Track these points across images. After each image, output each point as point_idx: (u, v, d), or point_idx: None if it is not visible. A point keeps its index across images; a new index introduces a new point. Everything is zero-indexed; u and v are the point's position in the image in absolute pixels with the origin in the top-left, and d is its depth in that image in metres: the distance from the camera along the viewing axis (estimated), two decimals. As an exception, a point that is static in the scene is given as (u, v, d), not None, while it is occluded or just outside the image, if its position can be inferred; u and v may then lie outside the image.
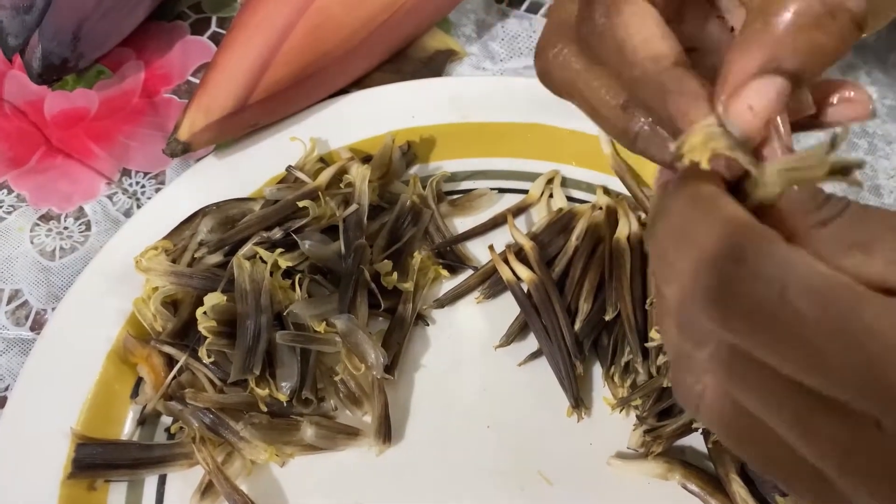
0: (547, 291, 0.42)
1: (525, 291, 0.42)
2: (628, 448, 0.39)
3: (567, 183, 0.48)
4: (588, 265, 0.43)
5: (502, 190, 0.48)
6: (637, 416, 0.39)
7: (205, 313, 0.39)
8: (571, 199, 0.47)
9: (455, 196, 0.47)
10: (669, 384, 0.38)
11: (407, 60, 0.53)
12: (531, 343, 0.42)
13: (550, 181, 0.47)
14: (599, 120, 0.27)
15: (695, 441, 0.39)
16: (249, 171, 0.47)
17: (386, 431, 0.39)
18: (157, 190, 0.49)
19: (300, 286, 0.41)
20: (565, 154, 0.48)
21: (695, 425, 0.38)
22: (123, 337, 0.41)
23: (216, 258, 0.42)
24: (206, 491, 0.38)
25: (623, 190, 0.46)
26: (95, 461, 0.38)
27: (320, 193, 0.44)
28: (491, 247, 0.44)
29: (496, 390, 0.41)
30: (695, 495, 0.37)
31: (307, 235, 0.42)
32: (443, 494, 0.38)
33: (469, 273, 0.45)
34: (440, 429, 0.40)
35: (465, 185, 0.48)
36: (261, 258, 0.41)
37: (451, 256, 0.45)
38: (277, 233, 0.42)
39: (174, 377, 0.40)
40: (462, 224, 0.47)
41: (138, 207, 0.48)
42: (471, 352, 0.42)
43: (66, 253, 0.47)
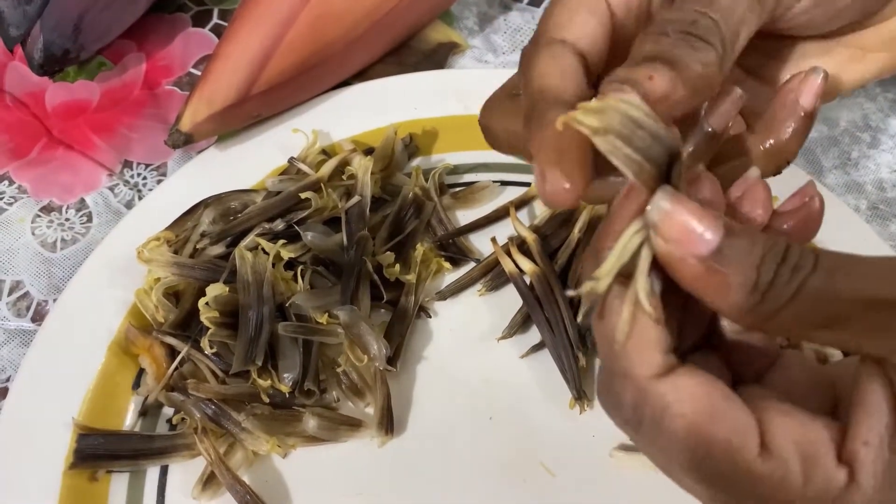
0: (549, 283, 0.42)
1: (527, 284, 0.42)
2: (630, 440, 0.39)
3: (569, 175, 0.47)
4: (590, 257, 0.43)
5: (504, 182, 0.48)
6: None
7: (207, 304, 0.39)
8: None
9: (457, 188, 0.47)
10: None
11: (409, 52, 0.53)
12: (533, 335, 0.42)
13: (553, 174, 0.47)
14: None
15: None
16: (251, 163, 0.47)
17: (388, 423, 0.39)
18: (159, 181, 0.49)
19: (302, 277, 0.41)
20: (568, 147, 0.48)
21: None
22: (125, 328, 0.41)
23: (218, 249, 0.42)
24: (208, 482, 0.38)
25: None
26: (97, 452, 0.38)
27: (322, 185, 0.44)
28: (493, 239, 0.44)
29: (498, 382, 0.41)
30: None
31: (309, 227, 0.42)
32: (445, 486, 0.38)
33: (471, 265, 0.45)
34: (442, 420, 0.40)
35: (468, 178, 0.48)
36: (263, 249, 0.41)
37: (454, 249, 0.45)
38: (279, 224, 0.42)
39: (176, 368, 0.40)
40: (464, 216, 0.47)
41: (140, 199, 0.48)
42: (473, 344, 0.42)
43: (68, 244, 0.47)
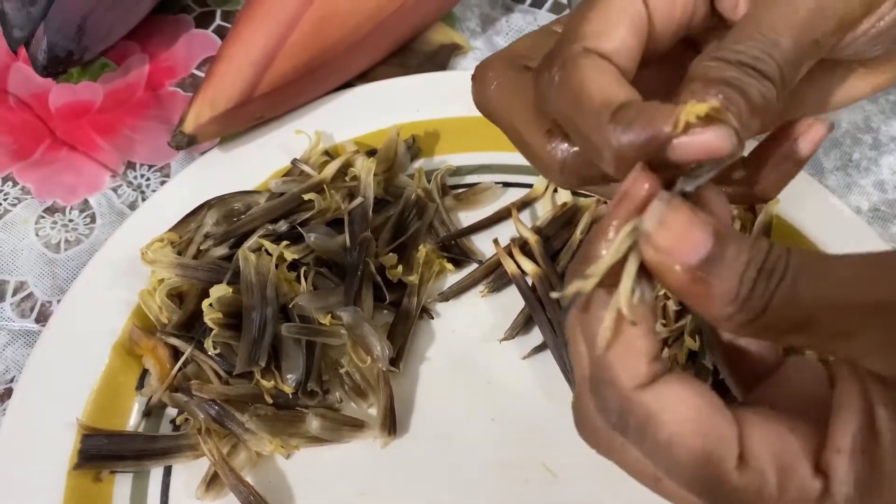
0: (552, 285, 0.42)
1: (530, 285, 0.43)
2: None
3: (571, 177, 0.47)
4: (593, 259, 0.43)
5: (507, 184, 0.48)
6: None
7: (210, 305, 0.39)
8: (576, 193, 0.47)
9: (460, 190, 0.47)
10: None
11: (412, 54, 0.53)
12: (535, 336, 0.42)
13: (555, 175, 0.47)
14: (524, 148, 0.30)
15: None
16: (254, 164, 0.47)
17: (391, 423, 0.39)
18: (162, 183, 0.49)
19: (305, 279, 0.41)
20: (570, 148, 0.48)
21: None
22: (129, 329, 0.41)
23: (222, 250, 0.43)
24: (212, 482, 0.38)
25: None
26: (101, 452, 0.38)
27: (325, 186, 0.44)
28: (496, 240, 0.44)
29: (501, 383, 0.41)
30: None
31: (312, 228, 0.42)
32: (447, 486, 0.38)
33: (474, 267, 0.45)
34: (445, 421, 0.40)
35: (470, 179, 0.48)
36: (266, 251, 0.41)
37: (456, 250, 0.45)
38: (283, 225, 0.43)
39: (180, 369, 0.40)
40: (466, 218, 0.47)
41: (143, 200, 0.48)
42: (475, 345, 0.43)
43: (72, 245, 0.47)
